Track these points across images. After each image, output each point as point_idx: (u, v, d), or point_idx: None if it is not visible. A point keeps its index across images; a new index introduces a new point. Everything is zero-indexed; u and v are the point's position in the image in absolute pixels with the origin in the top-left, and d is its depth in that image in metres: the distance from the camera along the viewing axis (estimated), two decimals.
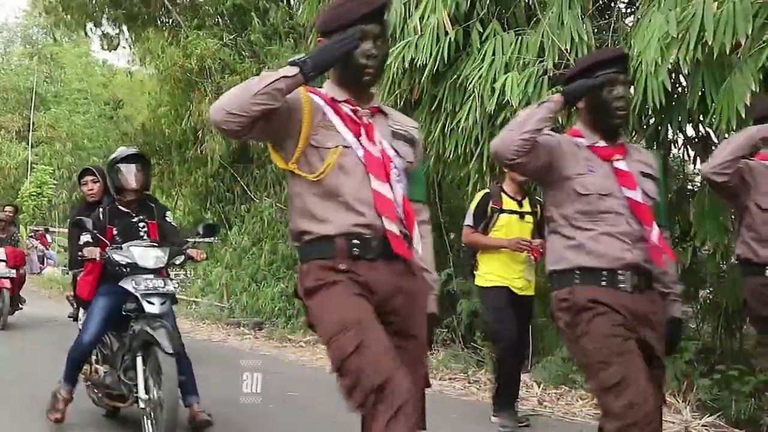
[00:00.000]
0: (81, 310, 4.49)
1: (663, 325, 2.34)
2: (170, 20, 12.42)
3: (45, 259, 18.86)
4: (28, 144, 24.43)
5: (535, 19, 4.22)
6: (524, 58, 4.04)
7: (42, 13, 13.70)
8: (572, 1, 3.98)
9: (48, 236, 19.52)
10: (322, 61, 1.87)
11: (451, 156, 4.55)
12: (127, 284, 3.68)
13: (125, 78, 21.12)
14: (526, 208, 4.13)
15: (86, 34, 13.78)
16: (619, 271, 2.27)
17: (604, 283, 2.26)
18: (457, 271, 7.46)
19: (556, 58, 3.98)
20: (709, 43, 3.51)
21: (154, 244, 3.86)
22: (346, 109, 1.99)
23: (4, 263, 8.75)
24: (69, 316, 4.73)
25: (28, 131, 24.58)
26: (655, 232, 2.28)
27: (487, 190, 4.17)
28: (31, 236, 18.28)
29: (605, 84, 2.30)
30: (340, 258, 1.90)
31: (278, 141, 1.98)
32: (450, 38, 4.34)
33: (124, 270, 3.72)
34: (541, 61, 3.99)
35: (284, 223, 10.71)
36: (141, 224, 3.96)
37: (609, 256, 2.27)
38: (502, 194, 4.09)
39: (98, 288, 3.93)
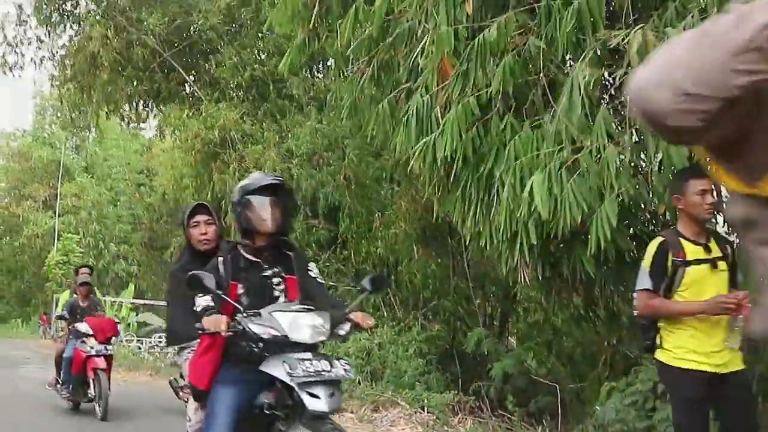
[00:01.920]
0: (191, 404, 3.29)
1: None
2: (191, 94, 12.79)
3: None
4: (54, 213, 24.96)
5: (550, 104, 4.27)
6: (543, 153, 4.05)
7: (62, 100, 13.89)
8: (579, 85, 3.96)
9: None
10: None
11: (487, 243, 4.55)
12: (276, 369, 2.54)
13: (159, 148, 21.62)
14: (716, 252, 3.13)
15: (97, 124, 13.91)
16: None
17: None
18: (487, 331, 7.45)
19: (570, 148, 3.93)
20: None
21: (309, 307, 2.73)
22: None
23: (93, 338, 7.06)
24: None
25: (55, 200, 25.17)
26: None
27: (662, 238, 3.18)
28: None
29: None
30: None
31: (737, 144, 1.08)
32: (471, 135, 4.39)
33: (255, 347, 2.67)
34: (560, 149, 3.98)
35: None
36: (275, 280, 2.88)
37: None
38: (682, 240, 3.12)
39: (217, 374, 2.84)
